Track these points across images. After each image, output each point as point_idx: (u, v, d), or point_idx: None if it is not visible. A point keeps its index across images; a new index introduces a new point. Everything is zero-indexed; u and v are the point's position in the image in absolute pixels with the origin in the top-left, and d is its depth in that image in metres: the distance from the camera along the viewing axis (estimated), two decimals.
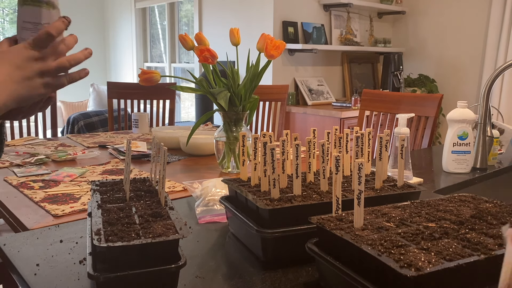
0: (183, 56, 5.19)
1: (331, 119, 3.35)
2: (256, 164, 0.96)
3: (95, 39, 5.76)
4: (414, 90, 4.06)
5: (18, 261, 0.80)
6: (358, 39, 4.18)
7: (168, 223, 0.70)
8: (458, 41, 4.04)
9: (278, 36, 3.60)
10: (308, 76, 3.89)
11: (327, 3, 3.87)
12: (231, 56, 1.55)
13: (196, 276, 0.76)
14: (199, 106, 4.01)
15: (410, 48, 4.40)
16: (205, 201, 1.09)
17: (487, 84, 1.50)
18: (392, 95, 2.31)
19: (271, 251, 0.79)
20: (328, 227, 0.69)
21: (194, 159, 1.69)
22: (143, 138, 2.15)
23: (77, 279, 0.73)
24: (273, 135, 0.99)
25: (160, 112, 2.93)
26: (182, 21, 5.17)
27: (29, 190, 1.25)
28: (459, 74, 4.08)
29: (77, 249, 0.85)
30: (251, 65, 1.42)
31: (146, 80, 1.39)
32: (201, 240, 0.92)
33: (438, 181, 1.43)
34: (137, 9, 5.28)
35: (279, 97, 2.91)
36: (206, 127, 2.35)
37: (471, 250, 0.61)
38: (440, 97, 2.00)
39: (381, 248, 0.60)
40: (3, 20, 5.65)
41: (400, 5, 4.32)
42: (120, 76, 5.63)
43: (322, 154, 0.90)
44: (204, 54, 1.37)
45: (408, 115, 1.38)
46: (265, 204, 0.79)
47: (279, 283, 0.73)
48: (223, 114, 1.45)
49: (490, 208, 0.79)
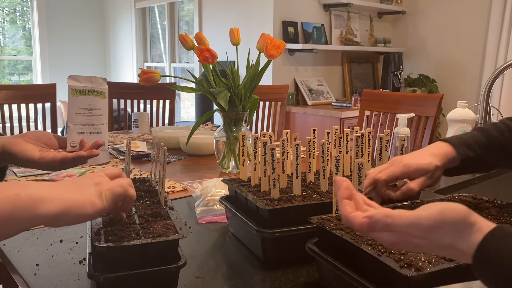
0: (183, 56, 5.19)
1: (331, 119, 3.35)
2: (256, 164, 0.96)
3: (95, 39, 5.76)
4: (414, 90, 4.06)
5: (18, 261, 0.80)
6: (358, 39, 4.18)
7: (168, 223, 0.70)
8: (458, 41, 4.04)
9: (278, 36, 3.60)
10: (308, 76, 3.89)
11: (327, 3, 3.87)
12: (231, 56, 1.55)
13: (196, 276, 0.76)
14: (199, 106, 4.01)
15: (410, 48, 4.40)
16: (205, 201, 1.09)
17: (487, 84, 1.50)
18: (392, 95, 2.31)
19: (271, 251, 0.79)
20: (328, 227, 0.68)
21: (194, 159, 1.69)
22: (143, 138, 2.15)
23: (77, 279, 0.73)
24: (273, 135, 0.99)
25: (160, 112, 2.93)
26: (182, 21, 5.17)
27: None
28: (459, 74, 4.08)
29: (77, 249, 0.85)
30: (251, 65, 1.42)
31: (146, 80, 1.39)
32: (201, 240, 0.92)
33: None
34: (137, 9, 5.28)
35: (279, 97, 2.91)
36: (206, 127, 2.35)
37: None
38: (440, 97, 2.00)
39: (381, 248, 0.60)
40: (3, 20, 5.65)
41: (400, 5, 4.32)
42: (120, 76, 5.62)
43: (322, 154, 0.90)
44: (204, 54, 1.37)
45: (408, 115, 1.38)
46: (265, 204, 0.79)
47: (279, 283, 0.73)
48: (223, 114, 1.45)
49: (490, 208, 0.79)
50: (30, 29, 5.47)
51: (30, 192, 0.54)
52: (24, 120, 2.65)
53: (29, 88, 2.75)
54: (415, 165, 0.78)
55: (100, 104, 0.96)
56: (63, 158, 0.87)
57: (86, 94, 0.94)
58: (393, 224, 0.49)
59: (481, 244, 0.47)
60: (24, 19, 5.69)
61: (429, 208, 0.50)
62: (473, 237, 0.48)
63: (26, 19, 5.63)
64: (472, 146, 0.84)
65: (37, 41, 5.31)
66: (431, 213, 0.49)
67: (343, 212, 0.54)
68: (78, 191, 0.59)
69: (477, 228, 0.48)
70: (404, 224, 0.49)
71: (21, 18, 5.71)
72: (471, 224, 0.48)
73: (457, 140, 0.84)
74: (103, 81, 0.97)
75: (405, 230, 0.49)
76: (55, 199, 0.55)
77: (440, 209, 0.49)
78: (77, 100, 0.94)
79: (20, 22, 5.70)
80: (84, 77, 0.95)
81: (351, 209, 0.53)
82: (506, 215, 0.75)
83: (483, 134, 0.86)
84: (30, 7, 5.35)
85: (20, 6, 5.70)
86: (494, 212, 0.76)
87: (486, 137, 0.85)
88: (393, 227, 0.49)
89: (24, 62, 5.62)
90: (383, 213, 0.50)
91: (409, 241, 0.50)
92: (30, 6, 5.33)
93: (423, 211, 0.50)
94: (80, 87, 0.94)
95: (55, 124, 2.61)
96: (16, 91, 2.50)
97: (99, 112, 0.97)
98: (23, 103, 2.50)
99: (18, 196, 0.52)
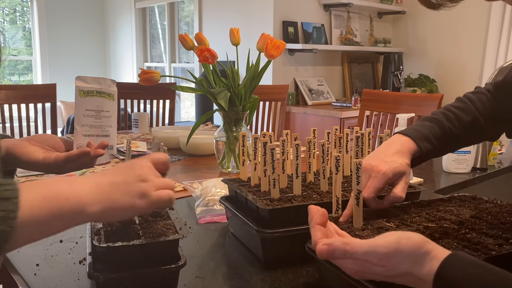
0: (183, 56, 5.19)
1: (331, 119, 3.35)
2: (256, 164, 0.96)
3: (95, 39, 5.76)
4: (414, 90, 4.06)
5: (18, 261, 0.80)
6: (358, 39, 4.18)
7: (168, 223, 0.70)
8: (458, 41, 4.04)
9: (278, 36, 3.60)
10: (308, 76, 3.89)
11: (327, 3, 3.87)
12: (231, 56, 1.55)
13: (196, 276, 0.76)
14: (199, 106, 4.01)
15: (410, 48, 4.40)
16: (205, 201, 1.09)
17: None
18: (392, 95, 2.31)
19: (271, 251, 0.79)
20: None
21: (194, 159, 1.69)
22: (143, 138, 2.15)
23: (77, 279, 0.73)
24: (273, 135, 0.99)
25: (160, 112, 2.93)
26: (182, 21, 5.17)
27: None
28: (459, 74, 4.08)
29: (77, 249, 0.85)
30: (251, 65, 1.42)
31: (146, 80, 1.39)
32: (201, 240, 0.92)
33: (438, 181, 1.43)
34: (137, 9, 5.28)
35: (279, 97, 2.91)
36: (206, 127, 2.35)
37: (471, 250, 0.61)
38: (440, 97, 2.00)
39: None
40: (3, 20, 5.65)
41: (400, 5, 4.32)
42: (120, 76, 5.62)
43: (322, 154, 0.90)
44: (204, 54, 1.37)
45: (408, 115, 1.38)
46: (265, 204, 0.79)
47: (279, 283, 0.73)
48: (223, 114, 1.45)
49: (490, 208, 0.79)
50: (30, 29, 5.47)
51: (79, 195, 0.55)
52: (24, 120, 2.65)
53: (29, 88, 2.75)
54: (391, 171, 0.78)
55: (109, 106, 0.93)
56: (66, 157, 0.84)
57: (94, 96, 0.91)
58: (351, 251, 0.51)
59: (437, 273, 0.48)
60: (24, 19, 5.69)
61: (387, 236, 0.51)
62: (430, 265, 0.49)
63: (26, 19, 5.63)
64: (430, 139, 0.86)
65: (37, 41, 5.31)
66: (388, 241, 0.50)
67: (312, 238, 0.56)
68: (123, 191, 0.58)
69: (433, 256, 0.49)
70: (361, 252, 0.51)
71: (21, 18, 5.72)
72: (427, 252, 0.50)
73: (416, 133, 0.85)
74: (112, 83, 0.94)
75: (363, 257, 0.51)
76: (99, 202, 0.56)
77: (396, 238, 0.50)
78: (84, 102, 0.91)
79: (20, 22, 5.70)
80: (92, 78, 0.92)
81: (321, 235, 0.55)
82: (506, 215, 0.75)
83: (437, 125, 0.88)
84: (30, 7, 5.35)
85: (20, 6, 5.70)
86: (494, 212, 0.76)
87: (440, 128, 0.87)
88: (351, 255, 0.51)
89: (24, 62, 5.62)
90: (342, 241, 0.52)
91: (370, 269, 0.51)
92: (30, 6, 5.33)
93: (381, 239, 0.51)
94: (88, 88, 0.91)
95: (55, 124, 2.61)
96: (16, 91, 2.50)
97: (108, 115, 0.93)
98: (23, 103, 2.50)
99: (68, 201, 0.54)
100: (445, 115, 0.90)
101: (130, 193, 0.58)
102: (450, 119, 0.89)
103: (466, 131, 0.89)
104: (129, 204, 0.58)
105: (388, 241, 0.50)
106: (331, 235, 0.57)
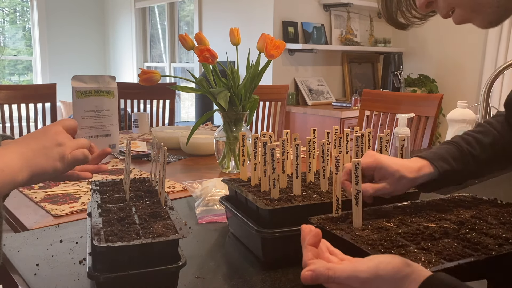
0: (183, 56, 5.19)
1: (331, 119, 3.35)
2: (256, 164, 0.96)
3: (95, 39, 5.76)
4: (414, 90, 4.06)
5: (18, 261, 0.80)
6: (358, 39, 4.18)
7: (168, 223, 0.70)
8: (458, 41, 4.04)
9: (278, 36, 3.60)
10: (308, 76, 3.89)
11: (327, 3, 3.87)
12: (231, 56, 1.55)
13: (196, 276, 0.76)
14: (199, 106, 4.01)
15: (410, 48, 4.40)
16: (205, 201, 1.09)
17: (487, 84, 1.50)
18: (392, 95, 2.31)
19: (271, 251, 0.79)
20: (328, 227, 0.69)
21: (194, 159, 1.69)
22: (143, 138, 2.15)
23: (77, 279, 0.73)
24: (273, 135, 0.99)
25: (160, 112, 2.93)
26: (182, 21, 5.17)
27: (29, 190, 1.25)
28: (459, 74, 4.08)
29: (77, 249, 0.85)
30: (251, 65, 1.42)
31: (146, 80, 1.39)
32: (201, 240, 0.92)
33: None
34: (137, 9, 5.28)
35: (279, 97, 2.91)
36: (206, 127, 2.35)
37: (471, 250, 0.61)
38: (440, 97, 2.00)
39: (381, 248, 0.60)
40: (3, 20, 5.65)
41: None
42: (120, 76, 5.62)
43: (322, 154, 0.90)
44: (204, 54, 1.37)
45: (408, 115, 1.38)
46: (265, 204, 0.79)
47: (279, 283, 0.73)
48: (223, 114, 1.45)
49: (490, 208, 0.79)
50: (30, 29, 5.47)
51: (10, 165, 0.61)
52: (24, 120, 2.65)
53: (29, 88, 2.75)
54: (381, 156, 0.81)
55: (109, 104, 0.91)
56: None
57: (92, 96, 0.89)
58: (334, 276, 0.53)
59: None
60: (24, 19, 5.69)
61: (368, 261, 0.53)
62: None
63: (26, 19, 5.63)
64: (447, 159, 0.85)
65: (37, 41, 5.31)
66: (368, 267, 0.52)
67: (303, 258, 0.57)
68: (43, 155, 0.66)
69: (412, 279, 0.50)
70: (343, 277, 0.52)
71: (21, 18, 5.71)
72: (406, 276, 0.51)
73: (431, 155, 0.85)
74: (110, 80, 0.91)
75: (346, 282, 0.52)
76: (26, 169, 0.63)
77: (376, 263, 0.52)
78: (82, 103, 0.89)
79: (20, 22, 5.70)
80: (89, 77, 0.89)
81: (311, 256, 0.57)
82: (506, 215, 0.75)
83: (455, 147, 0.87)
84: (30, 7, 5.35)
85: (20, 6, 5.70)
86: (494, 212, 0.76)
87: (458, 149, 0.87)
88: (334, 279, 0.53)
89: (24, 62, 5.62)
90: (325, 266, 0.54)
91: None
92: (30, 6, 5.33)
93: (363, 264, 0.53)
94: (85, 88, 0.89)
95: None
96: (16, 91, 2.50)
97: (108, 113, 0.91)
98: (23, 103, 2.50)
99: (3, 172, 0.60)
100: (464, 139, 0.89)
101: (50, 157, 0.66)
102: (468, 142, 0.88)
103: (487, 153, 0.87)
104: (51, 167, 0.66)
105: (368, 266, 0.52)
106: (322, 254, 0.58)
